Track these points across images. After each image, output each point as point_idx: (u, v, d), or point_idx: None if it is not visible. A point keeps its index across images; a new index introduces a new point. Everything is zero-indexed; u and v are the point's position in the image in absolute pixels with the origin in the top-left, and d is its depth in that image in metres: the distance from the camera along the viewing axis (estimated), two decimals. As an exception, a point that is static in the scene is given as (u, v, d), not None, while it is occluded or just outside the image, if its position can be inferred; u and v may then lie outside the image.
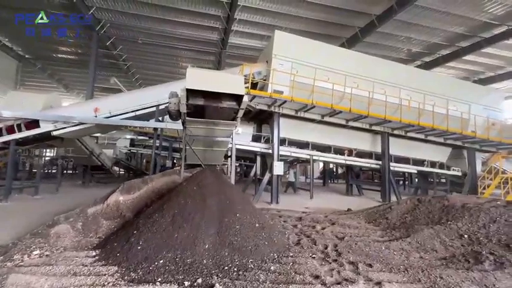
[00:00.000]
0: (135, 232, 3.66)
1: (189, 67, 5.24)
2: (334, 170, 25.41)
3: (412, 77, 11.05)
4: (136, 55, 19.01)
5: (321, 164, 23.41)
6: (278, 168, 8.88)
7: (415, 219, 5.41)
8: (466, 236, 4.11)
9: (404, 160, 11.60)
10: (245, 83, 8.86)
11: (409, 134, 10.85)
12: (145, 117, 9.52)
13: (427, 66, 18.18)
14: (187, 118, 5.56)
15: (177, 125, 7.96)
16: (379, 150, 10.86)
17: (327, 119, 9.81)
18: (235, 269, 3.14)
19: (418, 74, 11.86)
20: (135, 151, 17.39)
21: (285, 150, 9.67)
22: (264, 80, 9.49)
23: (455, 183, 12.71)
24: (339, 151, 10.72)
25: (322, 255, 3.87)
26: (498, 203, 6.05)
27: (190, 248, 3.36)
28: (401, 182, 18.52)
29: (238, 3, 12.70)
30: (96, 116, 8.15)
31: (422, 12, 13.11)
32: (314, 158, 10.23)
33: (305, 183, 21.67)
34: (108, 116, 8.23)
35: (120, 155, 16.34)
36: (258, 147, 9.67)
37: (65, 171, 18.78)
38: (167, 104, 5.69)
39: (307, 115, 9.69)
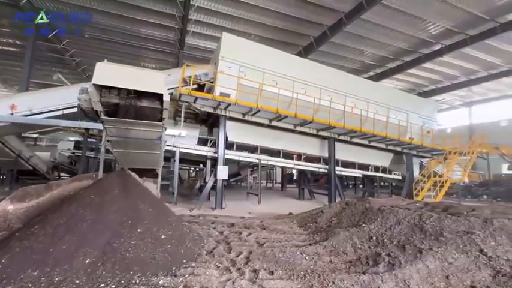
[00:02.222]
0: (4, 247, 3.11)
1: (105, 61, 4.80)
2: (295, 174, 25.87)
3: (357, 86, 11.67)
4: (87, 51, 17.56)
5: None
6: (222, 172, 8.63)
7: (339, 223, 5.50)
8: (374, 238, 4.22)
9: (352, 165, 12.11)
10: (188, 83, 8.60)
11: (354, 140, 11.36)
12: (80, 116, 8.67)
13: (378, 77, 19.50)
14: (104, 118, 5.08)
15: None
16: (327, 155, 11.18)
17: (275, 123, 9.85)
18: (113, 286, 2.78)
19: (362, 83, 12.59)
20: (80, 154, 15.86)
21: (232, 154, 9.48)
22: (211, 82, 9.26)
23: (399, 186, 13.62)
24: (289, 156, 10.82)
25: (229, 263, 3.67)
26: (417, 204, 6.45)
27: (66, 263, 2.92)
28: (354, 186, 19.41)
29: (192, 3, 12.42)
30: (12, 114, 7.17)
31: (369, 27, 14.00)
32: (263, 162, 10.17)
33: (265, 188, 21.81)
34: (28, 114, 7.30)
35: (60, 158, 14.76)
36: (204, 150, 9.34)
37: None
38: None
39: (255, 119, 9.64)
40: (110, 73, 4.41)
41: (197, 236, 4.47)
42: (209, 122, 10.61)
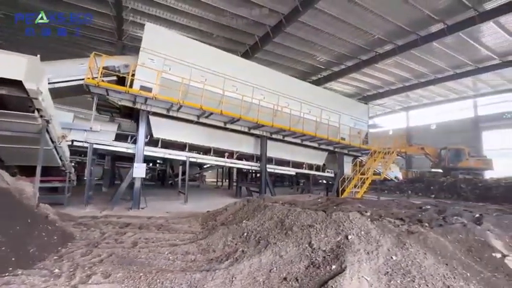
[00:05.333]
0: None
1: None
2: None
3: (291, 86, 11.97)
4: (16, 35, 15.55)
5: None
6: (139, 170, 8.17)
7: (234, 220, 5.48)
8: (245, 234, 4.23)
9: (287, 163, 12.41)
10: (101, 74, 7.95)
11: (287, 139, 11.63)
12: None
13: (325, 80, 20.38)
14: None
15: None
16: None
17: (203, 120, 9.64)
18: None
19: (296, 84, 12.91)
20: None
21: (154, 151, 9.05)
22: (133, 74, 8.70)
23: (333, 183, 14.33)
24: (221, 153, 10.69)
25: (70, 268, 3.33)
26: (319, 200, 6.75)
27: None
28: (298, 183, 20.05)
29: (123, -11, 11.64)
30: None
31: (309, 30, 14.44)
32: (191, 160, 9.89)
33: (214, 187, 21.53)
34: None
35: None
36: (122, 147, 8.75)
37: None
38: None
39: (181, 115, 9.31)
40: None
41: (56, 239, 4.04)
42: (135, 116, 9.99)
